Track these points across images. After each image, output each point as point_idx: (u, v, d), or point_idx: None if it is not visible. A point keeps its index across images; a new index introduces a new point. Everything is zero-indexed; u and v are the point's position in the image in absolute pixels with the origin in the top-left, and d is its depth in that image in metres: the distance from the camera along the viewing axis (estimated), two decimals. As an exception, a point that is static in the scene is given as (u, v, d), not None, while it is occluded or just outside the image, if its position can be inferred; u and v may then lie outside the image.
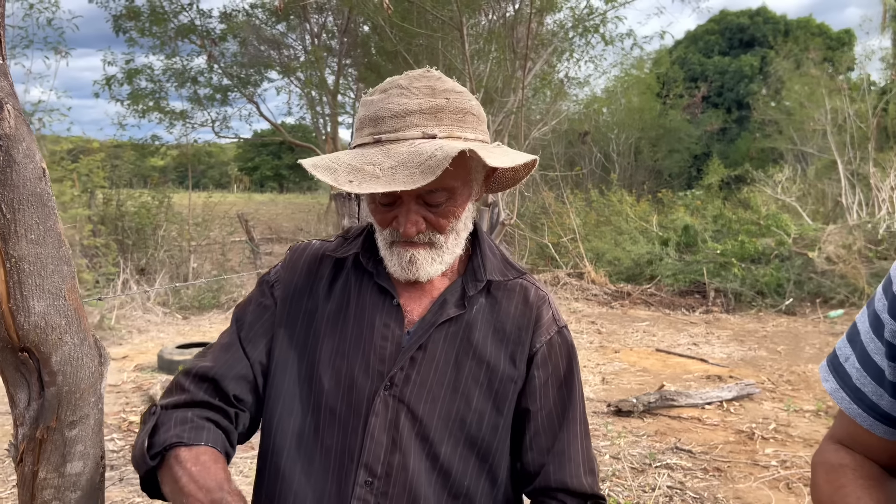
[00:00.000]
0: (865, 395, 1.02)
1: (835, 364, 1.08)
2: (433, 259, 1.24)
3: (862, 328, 1.04)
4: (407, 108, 1.17)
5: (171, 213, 12.36)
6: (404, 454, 1.21)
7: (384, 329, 1.25)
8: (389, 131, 1.17)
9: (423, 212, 1.20)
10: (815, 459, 1.13)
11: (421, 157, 1.10)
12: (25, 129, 1.03)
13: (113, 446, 4.88)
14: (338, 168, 1.13)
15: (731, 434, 5.22)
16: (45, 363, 1.10)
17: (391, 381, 1.22)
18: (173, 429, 1.15)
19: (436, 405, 1.23)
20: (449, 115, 1.19)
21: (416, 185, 1.06)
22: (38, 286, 1.06)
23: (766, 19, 31.51)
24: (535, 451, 1.29)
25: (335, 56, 15.08)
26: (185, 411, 1.19)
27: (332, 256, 1.35)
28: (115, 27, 13.26)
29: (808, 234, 11.67)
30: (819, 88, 17.72)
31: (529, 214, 15.25)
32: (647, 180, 23.19)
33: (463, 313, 1.27)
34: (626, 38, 13.04)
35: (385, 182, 1.08)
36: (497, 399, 1.26)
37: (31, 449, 1.15)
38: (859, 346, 1.03)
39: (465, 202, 1.25)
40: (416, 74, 1.24)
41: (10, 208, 1.02)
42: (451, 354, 1.25)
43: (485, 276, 1.30)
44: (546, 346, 1.30)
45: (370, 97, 1.23)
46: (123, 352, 7.67)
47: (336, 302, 1.30)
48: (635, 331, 9.08)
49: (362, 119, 1.22)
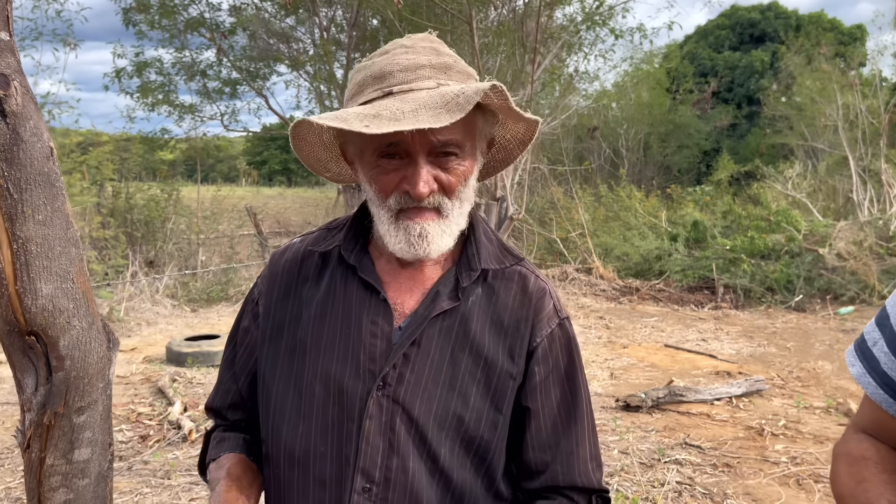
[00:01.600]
0: (893, 381, 0.99)
1: (862, 348, 1.05)
2: (443, 231, 1.15)
3: (892, 312, 1.00)
4: (417, 62, 1.12)
5: (180, 206, 12.38)
6: (403, 457, 1.15)
7: (372, 326, 1.18)
8: (401, 83, 1.11)
9: (434, 170, 1.12)
10: (838, 449, 1.10)
11: (445, 97, 1.04)
12: (33, 106, 1.01)
13: (122, 437, 4.89)
14: (348, 117, 1.05)
15: (741, 430, 5.19)
16: (52, 347, 1.08)
17: (384, 380, 1.15)
18: (209, 451, 1.35)
19: (432, 404, 1.16)
20: (457, 74, 1.16)
21: (442, 124, 1.00)
22: (45, 268, 1.04)
23: (777, 14, 31.26)
24: (538, 450, 1.23)
25: (344, 50, 15.03)
26: (216, 434, 1.38)
27: (314, 251, 1.28)
28: (124, 20, 13.24)
29: (819, 231, 11.59)
30: (830, 84, 17.57)
31: (538, 209, 15.20)
32: (657, 176, 23.08)
33: (458, 305, 1.19)
34: (636, 31, 12.95)
35: (409, 122, 1.01)
36: (495, 396, 1.19)
37: (38, 435, 1.13)
38: (888, 330, 1.00)
39: (472, 167, 1.18)
40: (418, 36, 1.20)
41: (17, 188, 0.99)
42: (447, 350, 1.18)
43: (479, 265, 1.21)
44: (546, 339, 1.23)
45: (367, 61, 1.18)
46: (132, 344, 7.69)
47: (321, 302, 1.22)
48: (644, 326, 9.04)
49: (363, 79, 1.15)
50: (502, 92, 1.08)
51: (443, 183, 1.13)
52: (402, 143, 1.09)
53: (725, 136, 27.45)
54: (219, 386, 1.37)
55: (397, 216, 1.15)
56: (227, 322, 8.94)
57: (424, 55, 1.14)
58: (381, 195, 1.15)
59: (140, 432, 5.01)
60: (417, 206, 1.13)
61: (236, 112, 14.78)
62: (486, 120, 1.19)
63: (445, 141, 1.10)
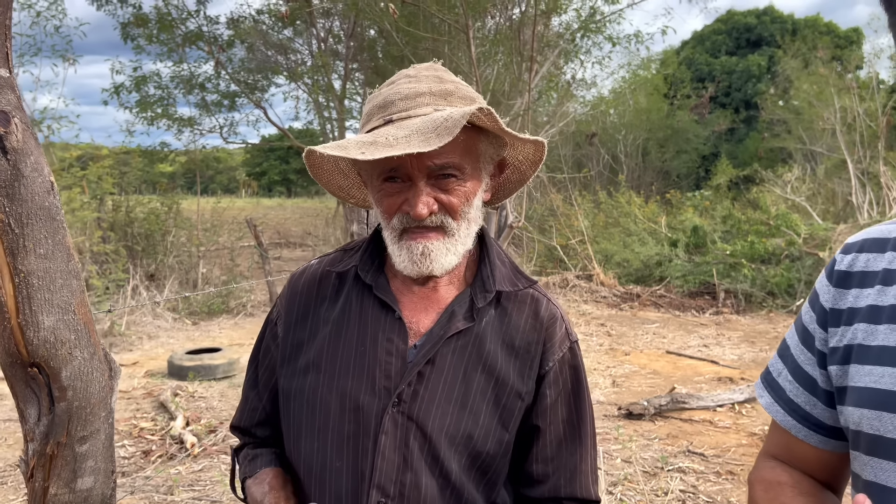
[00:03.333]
0: (799, 406, 1.06)
1: (768, 380, 1.13)
2: (447, 249, 1.20)
3: (791, 342, 1.09)
4: (417, 90, 1.18)
5: (180, 218, 12.39)
6: (416, 473, 1.18)
7: (388, 344, 1.21)
8: (401, 111, 1.16)
9: (434, 192, 1.17)
10: (752, 477, 1.16)
11: (435, 122, 1.09)
12: (33, 142, 1.02)
13: (124, 453, 4.88)
14: (348, 145, 1.12)
15: (744, 436, 5.18)
16: (54, 378, 1.09)
17: (399, 397, 1.18)
18: (243, 468, 1.38)
19: (444, 421, 1.19)
20: (458, 100, 1.20)
21: (432, 147, 1.05)
22: (47, 301, 1.05)
23: (773, 18, 31.36)
24: (542, 462, 1.29)
25: (342, 61, 15.09)
26: (245, 451, 1.41)
27: (332, 272, 1.32)
28: (123, 34, 13.31)
29: (819, 234, 11.59)
30: (828, 87, 17.62)
31: (537, 217, 15.22)
32: (656, 181, 23.13)
33: (472, 326, 1.23)
34: (633, 38, 13.00)
35: (400, 148, 1.06)
36: (503, 414, 1.24)
37: (41, 465, 1.14)
38: (790, 360, 1.09)
39: (476, 188, 1.22)
40: (423, 66, 1.25)
41: (18, 223, 1.01)
42: (460, 369, 1.22)
43: (494, 287, 1.26)
44: (558, 363, 1.28)
45: (377, 91, 1.24)
46: (133, 358, 7.69)
47: (337, 321, 1.26)
48: (645, 333, 9.04)
49: (371, 109, 1.22)
50: (491, 114, 1.13)
51: (444, 203, 1.17)
52: (402, 167, 1.15)
53: (724, 140, 27.53)
54: (244, 405, 1.41)
55: (400, 236, 1.20)
56: (227, 335, 8.94)
57: (426, 83, 1.19)
58: (385, 216, 1.21)
59: (142, 447, 5.00)
60: (419, 225, 1.17)
61: (235, 124, 14.84)
62: (491, 142, 1.24)
63: (443, 164, 1.15)
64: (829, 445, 1.05)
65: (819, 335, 1.03)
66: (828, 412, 1.03)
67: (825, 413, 1.03)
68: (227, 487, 4.23)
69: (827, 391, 1.02)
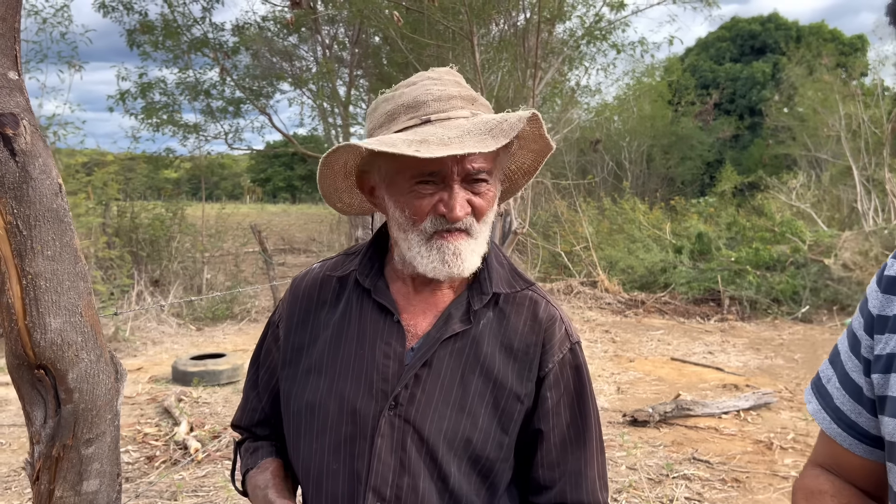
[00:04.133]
0: (845, 415, 1.03)
1: (818, 386, 1.10)
2: (473, 250, 1.20)
3: (842, 349, 1.06)
4: (449, 93, 1.19)
5: (185, 224, 12.42)
6: (413, 476, 1.18)
7: (385, 347, 1.22)
8: (437, 111, 1.17)
9: (467, 195, 1.18)
10: (796, 485, 1.14)
11: (488, 124, 1.11)
12: (42, 144, 1.03)
13: (128, 458, 4.88)
14: (395, 142, 1.10)
15: (749, 444, 5.16)
16: (61, 380, 1.09)
17: (395, 400, 1.18)
18: (244, 460, 1.41)
19: (442, 424, 1.19)
20: (482, 106, 1.23)
21: (489, 149, 1.07)
22: (54, 303, 1.05)
23: (777, 25, 31.36)
24: (547, 468, 1.27)
25: (346, 67, 15.13)
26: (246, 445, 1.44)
27: (332, 276, 1.33)
28: (128, 41, 13.37)
29: (824, 241, 11.57)
30: (832, 94, 17.61)
31: (542, 223, 15.21)
32: (660, 188, 23.10)
33: (469, 328, 1.23)
34: (638, 45, 13.01)
35: (456, 147, 1.06)
36: (503, 417, 1.23)
37: (47, 467, 1.14)
38: (840, 367, 1.06)
39: (497, 193, 1.25)
40: (443, 70, 1.27)
41: (26, 225, 1.01)
42: (458, 371, 1.21)
43: (491, 289, 1.26)
44: (558, 365, 1.26)
45: (393, 92, 1.23)
46: (138, 363, 7.69)
47: (337, 325, 1.27)
48: (650, 339, 9.02)
49: (394, 109, 1.20)
50: (537, 119, 1.17)
51: (475, 206, 1.19)
52: (442, 169, 1.15)
53: (728, 147, 27.49)
54: (245, 405, 1.44)
55: (430, 238, 1.19)
56: (232, 340, 8.94)
57: (452, 87, 1.21)
58: (414, 218, 1.19)
59: (146, 453, 5.00)
60: (451, 228, 1.18)
61: (240, 130, 14.88)
62: (506, 150, 1.26)
63: (479, 168, 1.16)
64: (875, 455, 1.02)
65: (865, 341, 1.00)
66: (873, 421, 1.00)
67: (870, 422, 1.00)
68: (232, 493, 4.22)
69: (871, 400, 0.99)
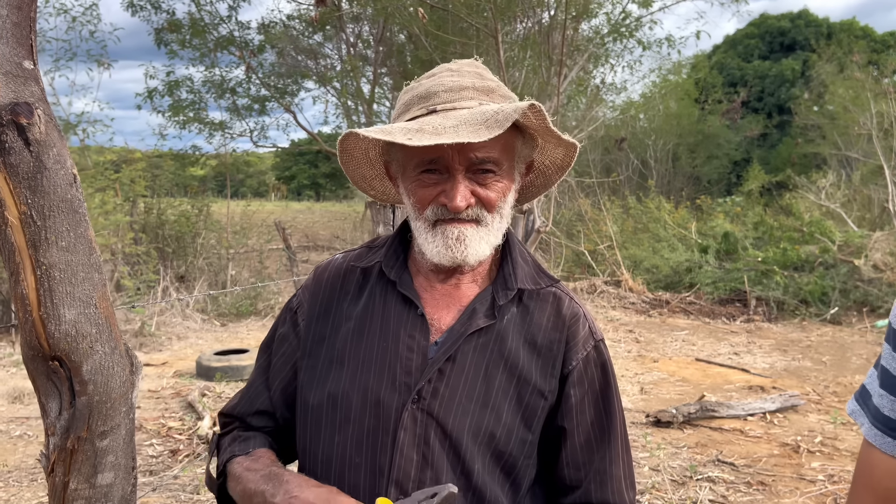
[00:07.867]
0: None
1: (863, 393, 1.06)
2: (480, 238, 1.19)
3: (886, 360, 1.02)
4: (461, 84, 1.18)
5: (210, 221, 12.53)
6: (436, 471, 1.16)
7: (409, 340, 1.21)
8: (445, 102, 1.16)
9: (472, 186, 1.17)
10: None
11: (485, 115, 1.09)
12: (56, 134, 1.02)
13: (153, 451, 4.93)
14: (393, 130, 1.11)
15: (776, 447, 5.07)
16: (75, 372, 1.09)
17: (419, 394, 1.17)
18: (226, 448, 1.29)
19: (465, 419, 1.18)
20: (499, 97, 1.21)
21: (481, 138, 1.05)
22: (68, 294, 1.05)
23: (807, 22, 30.89)
24: (573, 468, 1.25)
25: (371, 65, 15.17)
26: (234, 433, 1.33)
27: (356, 267, 1.32)
28: (156, 40, 13.53)
29: (854, 241, 11.35)
30: (864, 92, 17.28)
31: (565, 222, 15.12)
32: (686, 187, 22.85)
33: (493, 323, 1.22)
34: (665, 42, 12.87)
35: (449, 136, 1.06)
36: (526, 413, 1.21)
37: (62, 459, 1.13)
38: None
39: (510, 186, 1.23)
40: (465, 62, 1.26)
41: (40, 215, 1.01)
42: (482, 366, 1.20)
43: (515, 285, 1.25)
44: (582, 363, 1.25)
45: (415, 83, 1.24)
46: (163, 358, 7.77)
47: (360, 316, 1.26)
48: (674, 340, 8.92)
49: (410, 99, 1.21)
50: (540, 111, 1.12)
51: (481, 197, 1.18)
52: (443, 158, 1.14)
53: (756, 146, 27.14)
54: (247, 391, 1.36)
55: (434, 225, 1.19)
56: (255, 336, 9.00)
57: (469, 78, 1.20)
58: (418, 206, 1.20)
59: (170, 447, 5.04)
60: (454, 217, 1.17)
61: (265, 128, 14.98)
62: (525, 142, 1.24)
63: (483, 158, 1.15)
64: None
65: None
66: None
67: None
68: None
69: None
